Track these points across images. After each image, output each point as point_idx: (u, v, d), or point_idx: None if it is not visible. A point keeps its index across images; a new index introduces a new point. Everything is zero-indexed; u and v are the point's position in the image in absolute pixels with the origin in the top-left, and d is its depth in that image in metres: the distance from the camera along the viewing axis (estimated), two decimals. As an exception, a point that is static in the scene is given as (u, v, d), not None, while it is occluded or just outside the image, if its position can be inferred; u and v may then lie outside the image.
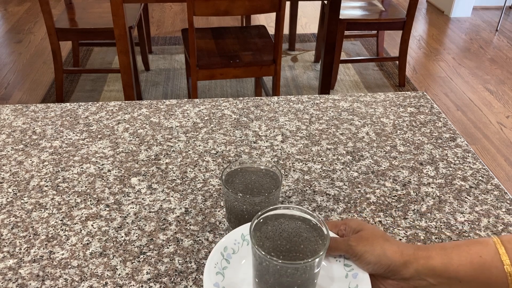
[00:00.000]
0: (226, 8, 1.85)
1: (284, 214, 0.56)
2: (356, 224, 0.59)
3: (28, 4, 4.09)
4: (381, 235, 0.57)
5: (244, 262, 0.59)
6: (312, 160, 0.85)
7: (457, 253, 0.53)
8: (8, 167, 0.82)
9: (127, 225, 0.70)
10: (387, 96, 1.07)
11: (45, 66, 3.06)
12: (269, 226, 0.54)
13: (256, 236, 0.53)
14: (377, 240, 0.55)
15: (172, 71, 3.02)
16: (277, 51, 2.04)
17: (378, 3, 2.89)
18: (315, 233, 0.54)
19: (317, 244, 0.53)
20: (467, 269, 0.52)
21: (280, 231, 0.54)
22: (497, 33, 3.75)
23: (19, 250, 0.66)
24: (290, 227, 0.55)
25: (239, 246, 0.59)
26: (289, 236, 0.53)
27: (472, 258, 0.53)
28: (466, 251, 0.53)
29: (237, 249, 0.59)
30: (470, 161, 0.86)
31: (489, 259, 0.52)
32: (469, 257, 0.53)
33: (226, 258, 0.57)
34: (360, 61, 2.98)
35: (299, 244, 0.53)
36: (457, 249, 0.54)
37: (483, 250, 0.53)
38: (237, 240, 0.60)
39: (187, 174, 0.81)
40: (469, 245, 0.54)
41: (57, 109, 1.00)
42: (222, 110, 1.00)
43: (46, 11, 2.31)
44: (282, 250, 0.52)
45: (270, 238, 0.53)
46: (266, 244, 0.52)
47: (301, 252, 0.52)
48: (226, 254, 0.58)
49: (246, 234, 0.60)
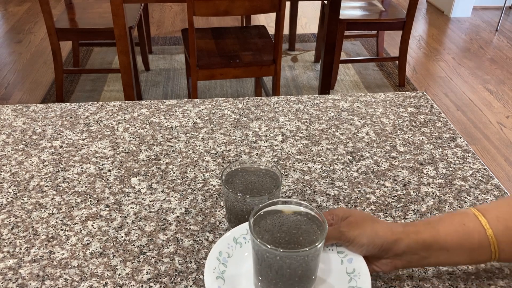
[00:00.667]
0: (226, 8, 1.85)
1: (282, 209, 0.57)
2: (342, 212, 0.61)
3: (28, 4, 4.09)
4: (369, 217, 0.59)
5: (241, 263, 0.60)
6: (312, 160, 0.85)
7: (442, 224, 0.58)
8: (8, 167, 0.82)
9: (127, 225, 0.70)
10: (387, 96, 1.07)
11: (45, 66, 3.06)
12: (268, 220, 0.55)
13: (256, 231, 0.54)
14: (366, 223, 0.58)
15: (172, 71, 3.02)
16: (277, 51, 2.04)
17: (378, 3, 2.89)
18: (313, 225, 0.55)
19: (315, 235, 0.54)
20: (454, 238, 0.56)
21: (279, 225, 0.55)
22: (497, 33, 3.75)
23: (19, 250, 0.66)
24: (289, 220, 0.56)
25: (233, 250, 0.60)
26: (288, 229, 0.54)
27: (456, 227, 0.57)
28: (450, 221, 0.58)
29: (232, 253, 0.60)
30: (470, 161, 0.86)
31: (472, 226, 0.56)
32: (453, 227, 0.57)
33: (223, 262, 0.58)
34: (360, 61, 2.98)
35: (298, 236, 0.54)
36: (441, 221, 0.58)
37: (465, 219, 0.57)
38: (230, 244, 0.61)
39: (187, 174, 0.81)
40: (451, 217, 0.59)
41: (57, 109, 1.00)
42: (222, 110, 1.00)
43: (46, 11, 2.31)
44: (281, 242, 0.53)
45: (269, 231, 0.54)
46: (265, 237, 0.53)
47: (300, 244, 0.53)
48: (222, 259, 0.59)
49: (238, 237, 0.61)
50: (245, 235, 0.62)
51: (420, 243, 0.56)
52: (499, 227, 0.56)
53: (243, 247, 0.61)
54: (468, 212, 0.58)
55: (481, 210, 0.58)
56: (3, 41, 3.40)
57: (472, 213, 0.58)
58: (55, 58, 2.48)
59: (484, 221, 0.56)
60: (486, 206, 0.59)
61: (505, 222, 0.56)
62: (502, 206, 0.58)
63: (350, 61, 2.85)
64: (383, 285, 0.62)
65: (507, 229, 0.56)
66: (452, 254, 0.57)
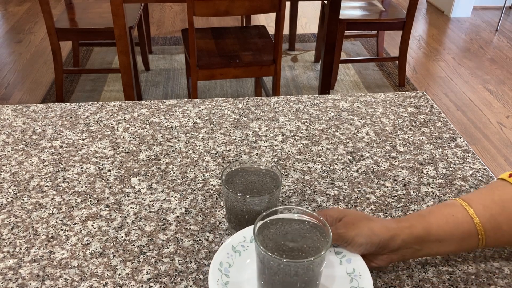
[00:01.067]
0: (226, 8, 1.85)
1: (286, 218, 0.57)
2: (337, 212, 0.62)
3: (28, 4, 4.09)
4: (364, 216, 0.61)
5: (243, 271, 0.60)
6: (312, 160, 0.85)
7: (433, 217, 0.60)
8: (8, 167, 0.82)
9: (127, 225, 0.70)
10: (387, 96, 1.07)
11: (45, 66, 3.06)
12: (271, 229, 0.55)
13: (260, 239, 0.54)
14: (362, 222, 0.60)
15: (172, 71, 3.02)
16: (277, 51, 2.04)
17: (378, 3, 2.89)
18: (317, 232, 0.55)
19: (320, 242, 0.54)
20: (445, 229, 0.59)
21: (283, 233, 0.55)
22: (497, 33, 3.75)
23: (19, 250, 0.66)
24: (293, 228, 0.56)
25: (233, 259, 0.60)
26: (292, 237, 0.55)
27: (447, 218, 0.59)
28: (440, 213, 0.60)
29: (232, 262, 0.60)
30: (470, 161, 0.86)
31: (460, 216, 0.59)
32: (444, 218, 0.59)
33: (225, 273, 0.58)
34: (360, 61, 2.98)
35: (302, 244, 0.54)
36: (432, 213, 0.60)
37: (454, 209, 0.60)
38: (229, 253, 0.61)
39: (187, 174, 0.81)
40: (441, 208, 0.61)
41: (57, 109, 1.00)
42: (222, 110, 1.00)
43: (46, 11, 2.31)
44: (285, 250, 0.53)
45: (273, 240, 0.54)
46: (269, 245, 0.53)
47: (304, 251, 0.53)
48: (223, 269, 0.59)
49: (236, 245, 0.61)
50: (243, 243, 0.62)
51: (414, 237, 0.59)
52: (486, 215, 0.59)
53: (242, 255, 0.61)
54: (455, 203, 0.61)
55: (466, 200, 0.61)
56: (3, 41, 3.40)
57: (459, 203, 0.61)
58: (55, 58, 2.48)
59: (471, 210, 0.59)
60: (471, 196, 0.62)
61: (489, 211, 0.59)
62: (485, 195, 0.61)
63: (350, 61, 2.85)
64: (383, 285, 0.62)
65: (491, 217, 0.59)
66: (443, 245, 0.59)
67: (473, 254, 0.67)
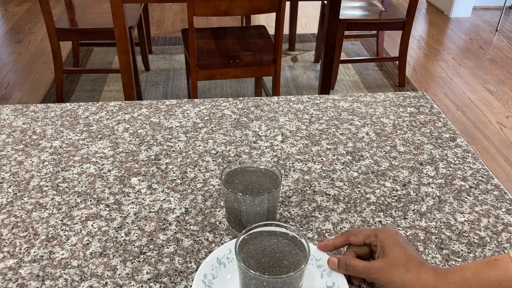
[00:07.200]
0: (226, 8, 1.85)
1: (262, 231, 0.58)
2: (386, 240, 0.59)
3: (28, 4, 4.09)
4: (403, 263, 0.57)
5: (226, 283, 0.60)
6: (312, 160, 0.85)
7: (476, 282, 0.54)
8: (8, 167, 0.82)
9: (127, 225, 0.70)
10: (387, 96, 1.07)
11: (45, 66, 3.06)
12: (250, 246, 0.56)
13: (241, 258, 0.55)
14: (397, 271, 0.56)
15: (172, 71, 3.02)
16: (277, 51, 2.04)
17: (378, 3, 2.89)
18: (295, 246, 0.56)
19: (298, 256, 0.55)
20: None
21: (261, 249, 0.56)
22: (497, 33, 3.75)
23: (19, 250, 0.66)
24: (270, 243, 0.57)
25: (217, 271, 0.61)
26: (271, 253, 0.56)
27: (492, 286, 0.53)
28: (486, 279, 0.54)
29: (216, 274, 0.60)
30: (470, 161, 0.86)
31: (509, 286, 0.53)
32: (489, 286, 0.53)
33: (208, 285, 0.59)
34: (360, 61, 2.98)
35: (282, 260, 0.55)
36: (477, 277, 0.54)
37: (502, 276, 0.53)
38: (214, 265, 0.61)
39: (187, 174, 0.81)
40: (489, 271, 0.54)
41: (57, 109, 1.00)
42: (222, 110, 1.00)
43: (46, 11, 2.31)
44: (266, 266, 0.54)
45: (254, 257, 0.55)
46: (251, 263, 0.54)
47: (284, 267, 0.54)
48: (207, 281, 0.59)
49: (221, 257, 0.62)
50: (227, 255, 0.62)
51: None
52: None
53: (226, 267, 0.61)
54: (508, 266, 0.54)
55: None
56: (3, 41, 3.40)
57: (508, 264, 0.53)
58: (55, 58, 2.48)
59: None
60: None
61: None
62: None
63: (350, 61, 2.85)
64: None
65: None
66: None
67: (473, 254, 0.67)
